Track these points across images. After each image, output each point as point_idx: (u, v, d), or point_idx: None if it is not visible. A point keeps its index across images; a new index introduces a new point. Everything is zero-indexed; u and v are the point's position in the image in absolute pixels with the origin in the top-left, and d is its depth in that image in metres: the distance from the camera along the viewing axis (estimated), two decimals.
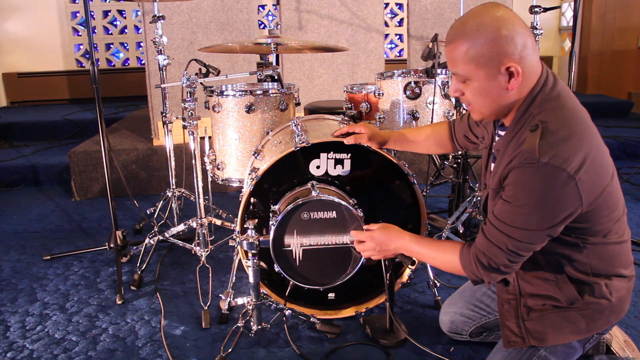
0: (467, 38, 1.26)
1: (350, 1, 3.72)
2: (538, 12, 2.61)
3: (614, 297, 1.38)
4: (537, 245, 1.30)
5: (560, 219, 1.24)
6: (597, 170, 1.25)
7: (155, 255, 2.57)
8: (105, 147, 2.36)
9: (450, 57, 1.31)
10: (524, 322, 1.44)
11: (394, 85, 2.18)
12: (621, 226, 1.38)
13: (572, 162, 1.19)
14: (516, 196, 1.25)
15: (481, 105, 1.35)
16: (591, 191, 1.24)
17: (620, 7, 5.44)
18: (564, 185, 1.20)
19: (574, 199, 1.22)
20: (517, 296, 1.46)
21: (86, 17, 2.32)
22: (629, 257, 1.43)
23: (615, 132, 4.44)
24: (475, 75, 1.28)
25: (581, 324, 1.39)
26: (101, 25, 5.85)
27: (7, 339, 1.97)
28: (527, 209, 1.24)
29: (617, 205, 1.35)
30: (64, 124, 4.85)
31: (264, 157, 2.01)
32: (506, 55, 1.24)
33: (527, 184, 1.23)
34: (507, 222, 1.27)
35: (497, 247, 1.30)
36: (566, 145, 1.21)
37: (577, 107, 1.30)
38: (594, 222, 1.31)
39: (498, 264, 1.32)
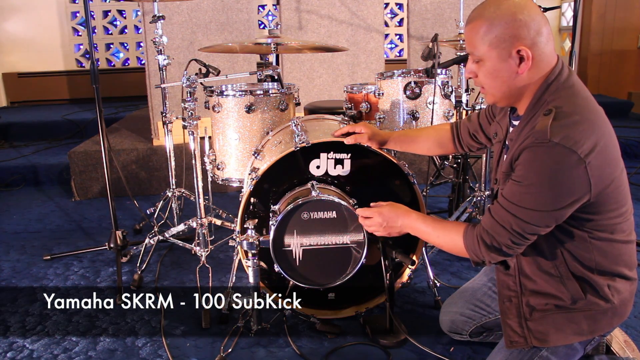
0: (484, 19, 1.30)
1: (350, 1, 3.72)
2: None
3: (617, 299, 1.38)
4: (541, 229, 1.29)
5: (568, 202, 1.24)
6: (607, 158, 1.25)
7: (155, 255, 2.57)
8: (105, 147, 2.36)
9: (468, 37, 1.35)
10: (527, 321, 1.43)
11: (394, 85, 2.18)
12: (629, 226, 1.38)
13: (583, 145, 1.20)
14: (525, 175, 1.26)
15: (492, 87, 1.37)
16: (600, 178, 1.24)
17: (620, 7, 5.44)
18: (574, 167, 1.20)
19: (582, 183, 1.22)
20: (518, 293, 1.45)
21: (86, 17, 2.32)
22: (633, 259, 1.42)
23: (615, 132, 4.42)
24: (488, 56, 1.32)
25: (583, 326, 1.39)
26: (101, 25, 5.85)
27: (7, 339, 1.97)
28: (535, 188, 1.25)
29: (625, 202, 1.34)
30: (64, 124, 4.85)
31: (264, 157, 2.01)
32: (518, 38, 1.28)
33: (537, 163, 1.24)
34: (514, 201, 1.28)
35: (502, 226, 1.31)
36: (578, 128, 1.22)
37: (591, 98, 1.32)
38: (602, 214, 1.31)
39: (500, 244, 1.32)
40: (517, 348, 1.46)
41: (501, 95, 1.38)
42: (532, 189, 1.25)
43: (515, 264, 1.45)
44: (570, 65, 2.62)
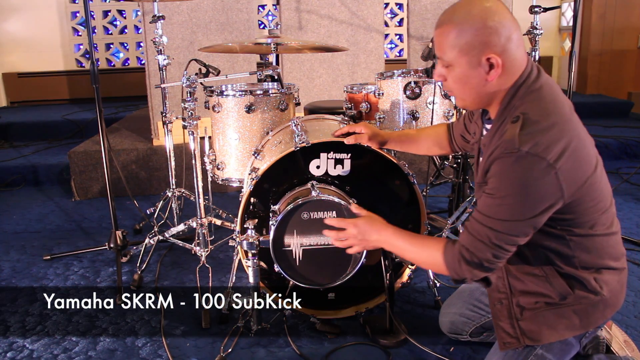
0: (454, 24, 1.29)
1: (350, 1, 3.72)
2: (538, 12, 2.61)
3: (605, 291, 1.37)
4: (520, 239, 1.29)
5: (542, 209, 1.24)
6: (578, 160, 1.25)
7: (155, 255, 2.57)
8: (105, 147, 2.36)
9: (438, 41, 1.34)
10: (518, 322, 1.43)
11: (394, 85, 2.18)
12: (608, 218, 1.37)
13: (551, 151, 1.20)
14: (498, 187, 1.25)
15: (461, 93, 1.37)
16: (572, 181, 1.24)
17: (620, 7, 5.44)
18: (544, 174, 1.20)
19: (554, 189, 1.22)
20: (508, 294, 1.45)
21: (86, 17, 2.32)
22: (618, 250, 1.41)
23: (615, 132, 4.44)
24: (457, 62, 1.31)
25: (575, 320, 1.39)
26: (101, 25, 5.85)
27: (7, 339, 1.97)
28: (509, 199, 1.24)
29: (602, 197, 1.34)
30: (64, 124, 4.85)
31: (264, 157, 2.01)
32: (488, 45, 1.26)
33: (508, 174, 1.23)
34: (490, 214, 1.27)
35: (481, 241, 1.29)
36: (546, 134, 1.22)
37: (559, 99, 1.30)
38: (579, 213, 1.30)
39: (481, 260, 1.30)
40: (510, 348, 1.45)
41: (471, 101, 1.38)
42: (506, 200, 1.24)
43: (502, 266, 1.44)
44: (570, 65, 2.61)
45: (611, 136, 4.30)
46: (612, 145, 4.20)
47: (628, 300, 2.13)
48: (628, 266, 2.44)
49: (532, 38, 2.64)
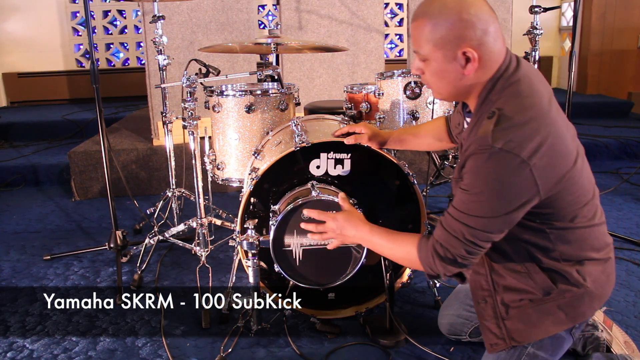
0: (429, 18, 1.27)
1: (350, 1, 3.72)
2: (538, 12, 2.61)
3: (589, 282, 1.36)
4: (495, 235, 1.27)
5: (517, 205, 1.23)
6: (555, 156, 1.23)
7: (155, 255, 2.57)
8: (105, 147, 2.36)
9: (413, 35, 1.32)
10: (504, 321, 1.42)
11: (394, 85, 2.18)
12: (590, 209, 1.35)
13: (525, 147, 1.18)
14: (472, 184, 1.24)
15: (439, 86, 1.36)
16: (549, 178, 1.22)
17: (620, 7, 5.44)
18: (518, 170, 1.19)
19: (529, 186, 1.21)
20: (492, 292, 1.44)
21: (86, 17, 2.32)
22: (601, 240, 1.40)
23: (615, 132, 4.44)
24: (434, 56, 1.29)
25: (560, 315, 1.38)
26: (101, 25, 5.85)
27: (7, 339, 1.97)
28: (483, 196, 1.23)
29: (583, 190, 1.32)
30: (64, 124, 4.85)
31: (264, 157, 2.01)
32: (464, 39, 1.24)
33: (482, 171, 1.22)
34: (464, 210, 1.26)
35: (455, 237, 1.28)
36: (520, 130, 1.20)
37: (537, 92, 1.28)
38: (558, 207, 1.29)
39: (455, 255, 1.29)
40: (498, 350, 1.44)
41: (448, 94, 1.38)
42: (480, 197, 1.24)
43: (485, 263, 1.44)
44: (570, 65, 2.61)
45: (611, 136, 4.30)
46: (612, 145, 4.20)
47: (628, 300, 2.13)
48: (628, 266, 2.45)
49: (532, 38, 2.64)
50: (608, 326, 1.76)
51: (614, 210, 3.13)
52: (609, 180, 3.69)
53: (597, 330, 1.73)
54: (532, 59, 2.65)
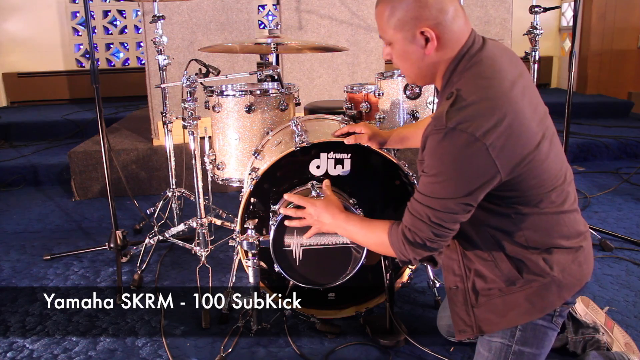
0: (386, 3, 1.30)
1: (350, 1, 3.72)
2: (538, 12, 2.61)
3: (556, 271, 1.34)
4: (460, 216, 1.27)
5: (477, 186, 1.22)
6: (514, 136, 1.21)
7: (155, 255, 2.57)
8: (105, 147, 2.36)
9: (377, 21, 1.35)
10: (473, 309, 1.42)
11: (394, 85, 2.18)
12: (560, 195, 1.34)
13: (480, 127, 1.17)
14: (431, 165, 1.25)
15: (405, 69, 1.38)
16: (508, 158, 1.20)
17: (620, 7, 5.44)
18: (474, 150, 1.18)
19: (487, 165, 1.19)
20: (463, 278, 1.44)
21: (86, 17, 2.32)
22: (571, 228, 1.37)
23: (615, 132, 4.44)
24: (395, 39, 1.32)
25: (526, 305, 1.36)
26: (101, 25, 5.85)
27: (7, 339, 1.97)
28: (441, 177, 1.23)
29: (549, 175, 1.30)
30: (64, 124, 4.85)
31: (264, 157, 2.01)
32: (420, 19, 1.26)
33: (438, 151, 1.22)
34: (426, 193, 1.27)
35: (421, 220, 1.29)
36: (474, 109, 1.20)
37: (499, 74, 1.27)
38: (522, 190, 1.27)
39: (423, 239, 1.30)
40: (465, 337, 1.46)
41: (415, 76, 1.39)
42: (438, 178, 1.24)
43: (457, 247, 1.44)
44: (570, 65, 2.61)
45: (611, 136, 4.30)
46: (612, 145, 4.20)
47: (628, 300, 2.13)
48: (628, 266, 2.45)
49: (532, 38, 2.64)
50: (609, 327, 1.76)
51: (614, 210, 3.13)
52: (609, 180, 3.69)
53: (598, 333, 1.73)
54: (532, 59, 2.65)
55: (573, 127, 3.86)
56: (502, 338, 1.42)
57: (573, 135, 4.21)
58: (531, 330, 1.40)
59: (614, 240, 2.65)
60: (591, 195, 3.37)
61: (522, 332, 1.40)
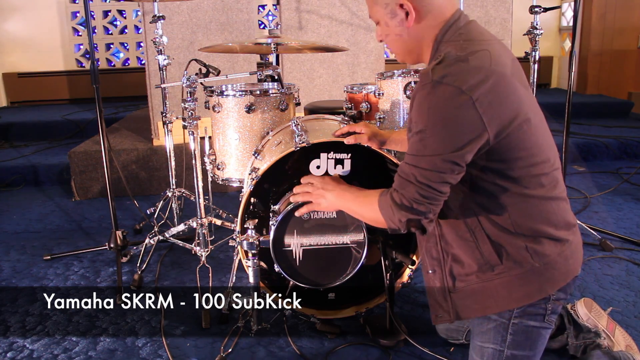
0: None
1: (350, 1, 3.72)
2: (538, 12, 2.61)
3: (537, 261, 1.31)
4: (447, 175, 1.23)
5: (464, 142, 1.19)
6: (502, 96, 1.20)
7: (155, 255, 2.57)
8: (105, 147, 2.36)
9: (368, 5, 1.43)
10: (450, 294, 1.41)
11: (394, 85, 2.18)
12: (550, 181, 1.32)
13: (467, 81, 1.17)
14: (416, 122, 1.24)
15: (392, 44, 1.42)
16: (495, 115, 1.19)
17: (620, 7, 5.44)
18: (459, 103, 1.16)
19: (474, 121, 1.18)
20: (440, 262, 1.42)
21: (86, 17, 2.32)
22: (560, 217, 1.34)
23: (615, 132, 4.44)
24: (381, 17, 1.38)
25: (503, 293, 1.34)
26: (101, 25, 5.85)
27: (7, 339, 1.97)
28: (427, 132, 1.21)
29: (541, 151, 1.29)
30: (64, 124, 4.85)
31: (264, 157, 2.00)
32: None
33: (423, 106, 1.22)
34: (414, 152, 1.25)
35: (408, 181, 1.26)
36: (460, 66, 1.20)
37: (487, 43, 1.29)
38: (511, 161, 1.26)
39: (410, 200, 1.26)
40: (442, 322, 1.45)
41: (403, 51, 1.42)
42: (425, 134, 1.21)
43: (436, 230, 1.42)
44: (570, 65, 2.61)
45: (611, 136, 4.30)
46: (612, 145, 4.20)
47: (628, 300, 2.13)
48: (628, 266, 2.45)
49: (532, 38, 2.64)
50: (611, 330, 1.74)
51: (614, 210, 3.13)
52: (609, 180, 3.69)
53: (600, 337, 1.72)
54: (532, 59, 2.65)
55: (573, 127, 3.85)
56: (493, 344, 1.40)
57: (573, 135, 4.21)
58: (522, 333, 1.37)
59: (614, 240, 2.65)
60: (591, 195, 3.37)
61: (512, 336, 1.37)
